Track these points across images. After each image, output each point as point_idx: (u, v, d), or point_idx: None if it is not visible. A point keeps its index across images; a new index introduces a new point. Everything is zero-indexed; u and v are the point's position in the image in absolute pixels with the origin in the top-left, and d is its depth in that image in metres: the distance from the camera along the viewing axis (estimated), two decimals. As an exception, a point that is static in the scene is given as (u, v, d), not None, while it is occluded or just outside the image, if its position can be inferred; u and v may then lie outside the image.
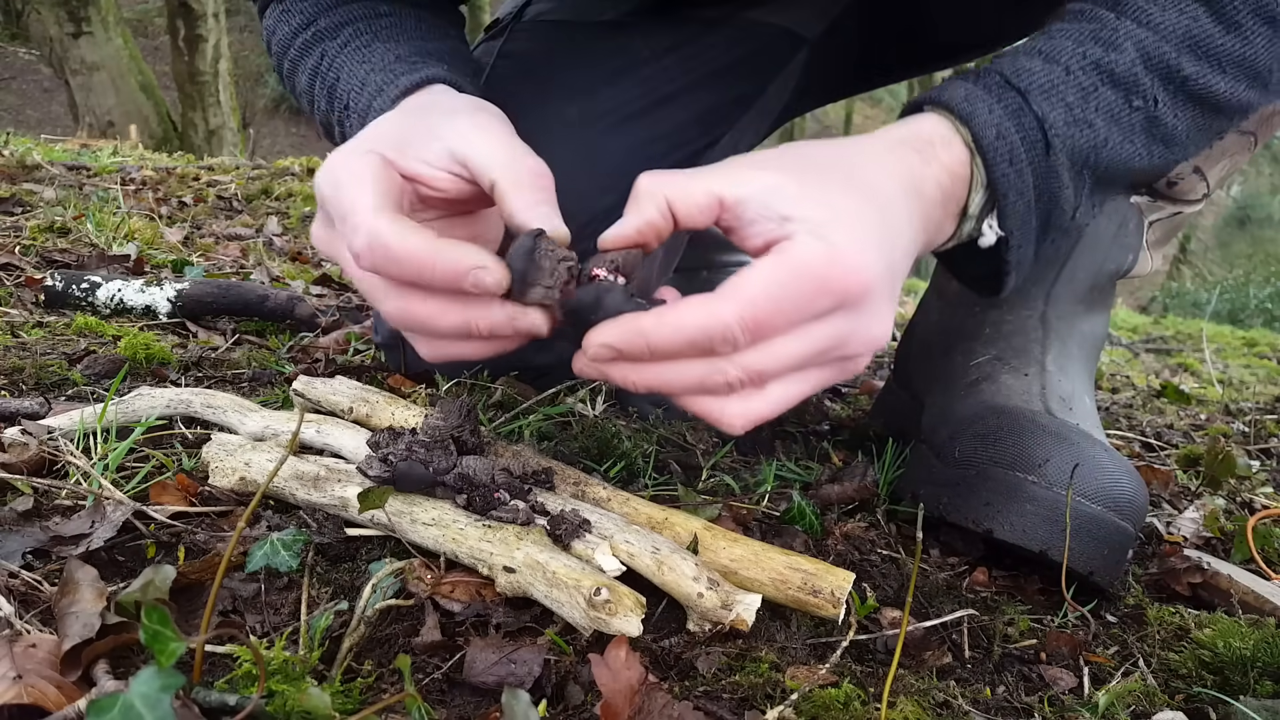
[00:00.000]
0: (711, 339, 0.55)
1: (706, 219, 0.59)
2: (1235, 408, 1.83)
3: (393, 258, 0.58)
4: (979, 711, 0.61)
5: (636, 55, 1.08)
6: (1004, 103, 0.65)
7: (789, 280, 0.55)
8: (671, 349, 0.56)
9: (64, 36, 7.80)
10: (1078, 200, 0.69)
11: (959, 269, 0.79)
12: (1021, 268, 0.71)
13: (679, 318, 0.55)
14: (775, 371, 0.57)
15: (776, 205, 0.57)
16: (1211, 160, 0.96)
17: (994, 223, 0.67)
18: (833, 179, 0.59)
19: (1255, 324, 7.26)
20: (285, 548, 0.64)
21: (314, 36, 0.88)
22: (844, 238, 0.55)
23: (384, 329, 1.13)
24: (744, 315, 0.54)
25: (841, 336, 0.58)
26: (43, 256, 1.62)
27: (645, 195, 0.59)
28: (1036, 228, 0.68)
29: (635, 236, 0.60)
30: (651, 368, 0.57)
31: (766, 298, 0.54)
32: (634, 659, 0.55)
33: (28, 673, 0.49)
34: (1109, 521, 0.76)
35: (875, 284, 0.56)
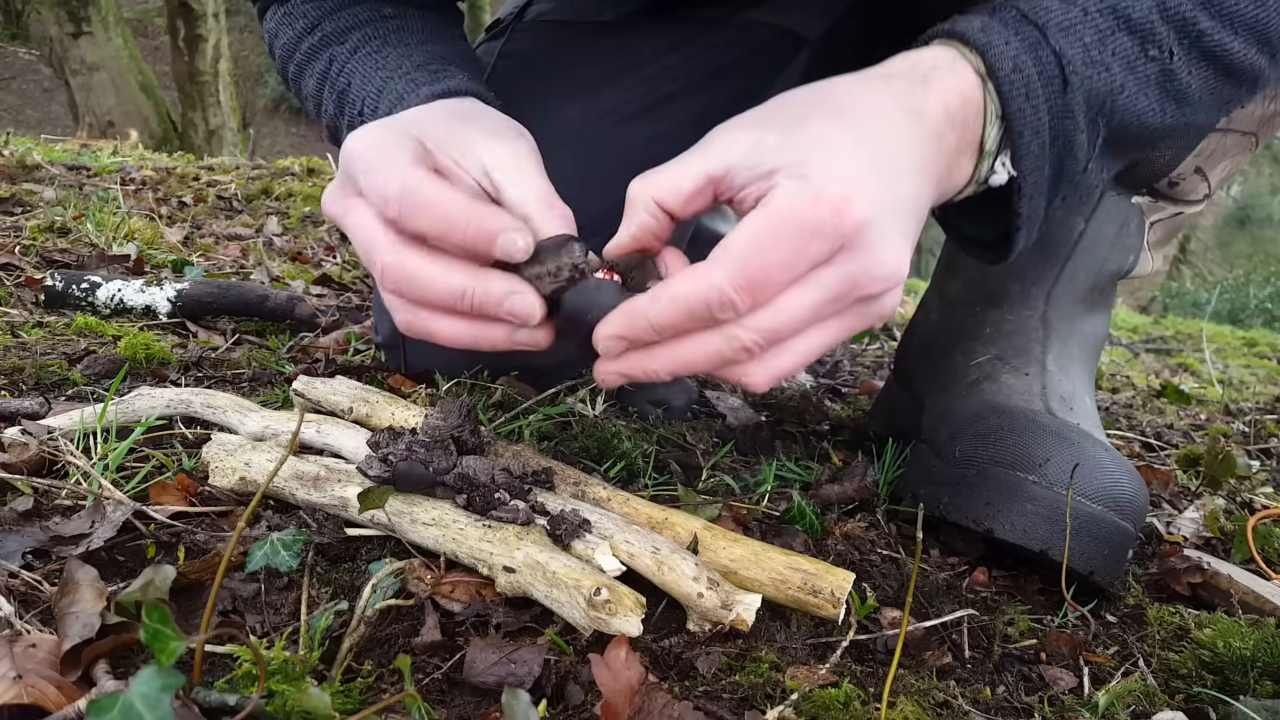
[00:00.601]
0: (709, 306, 0.53)
1: (703, 203, 0.58)
2: (1235, 408, 1.83)
3: (424, 204, 0.58)
4: (979, 711, 0.61)
5: (637, 55, 1.08)
6: (1021, 36, 0.63)
7: (774, 232, 0.53)
8: (674, 323, 0.55)
9: (64, 36, 7.79)
10: (1090, 151, 0.67)
11: (965, 235, 0.76)
12: (1031, 225, 0.68)
13: (673, 290, 0.54)
14: (791, 328, 0.56)
15: (761, 161, 0.55)
16: (1213, 161, 0.96)
17: (1007, 161, 0.65)
18: (813, 116, 0.57)
19: (1255, 324, 7.27)
20: (285, 548, 0.64)
21: (320, 41, 0.88)
22: (826, 175, 0.53)
23: (384, 329, 1.13)
24: (734, 276, 0.53)
25: (851, 279, 0.55)
26: (43, 256, 1.62)
27: (634, 201, 0.59)
28: (1049, 176, 0.66)
29: (631, 244, 0.60)
30: (666, 350, 0.57)
31: (754, 254, 0.53)
32: (634, 659, 0.55)
33: (28, 673, 0.49)
34: (1109, 521, 0.76)
35: (871, 216, 0.53)
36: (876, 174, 0.55)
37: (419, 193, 0.58)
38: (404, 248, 0.60)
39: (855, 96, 0.59)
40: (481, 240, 0.58)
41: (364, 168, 0.62)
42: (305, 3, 0.91)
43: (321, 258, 2.06)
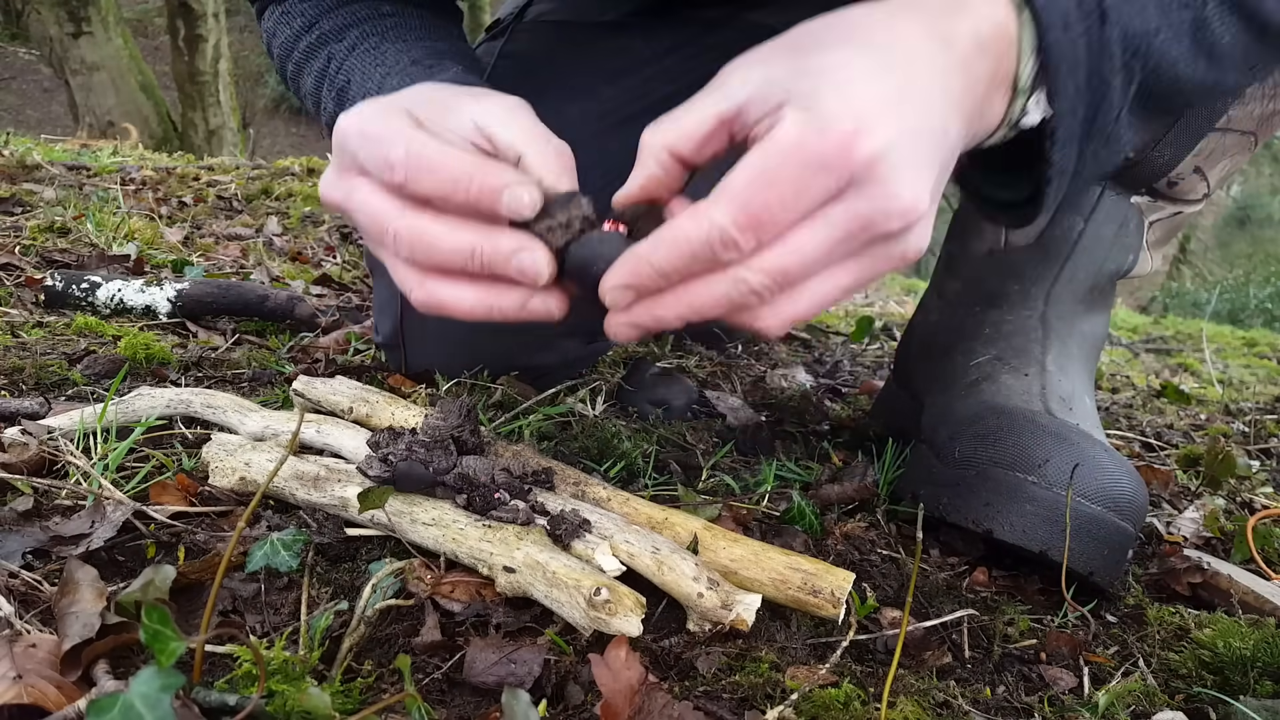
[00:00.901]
0: (711, 245, 0.51)
1: (718, 146, 0.56)
2: (1235, 408, 1.83)
3: (429, 166, 0.57)
4: (979, 711, 0.61)
5: (637, 56, 1.08)
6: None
7: (776, 166, 0.50)
8: (678, 267, 0.53)
9: (64, 36, 7.79)
10: (1124, 98, 0.64)
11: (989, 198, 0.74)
12: (1062, 177, 0.65)
13: (674, 231, 0.52)
14: (801, 269, 0.53)
15: (771, 95, 0.52)
16: (1212, 160, 0.96)
17: (1041, 99, 0.61)
18: (829, 42, 0.54)
19: (1255, 324, 7.27)
20: (285, 548, 0.64)
21: (318, 39, 0.88)
22: (836, 105, 0.50)
23: (384, 329, 1.13)
24: (736, 214, 0.50)
25: (863, 216, 0.51)
26: (43, 256, 1.62)
27: (645, 151, 0.57)
28: (1083, 119, 0.62)
29: (640, 195, 0.58)
30: (674, 296, 0.54)
31: (755, 191, 0.50)
32: (634, 659, 0.55)
33: (28, 673, 0.49)
34: (1109, 522, 0.76)
35: (883, 149, 0.50)
36: (894, 103, 0.51)
37: (423, 155, 0.57)
38: (413, 211, 0.59)
39: (878, 22, 0.56)
40: (486, 197, 0.57)
41: (363, 142, 0.61)
42: (303, 1, 0.91)
43: (321, 258, 2.06)
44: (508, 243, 0.58)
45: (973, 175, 0.73)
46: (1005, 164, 0.67)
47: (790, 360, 1.66)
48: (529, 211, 0.57)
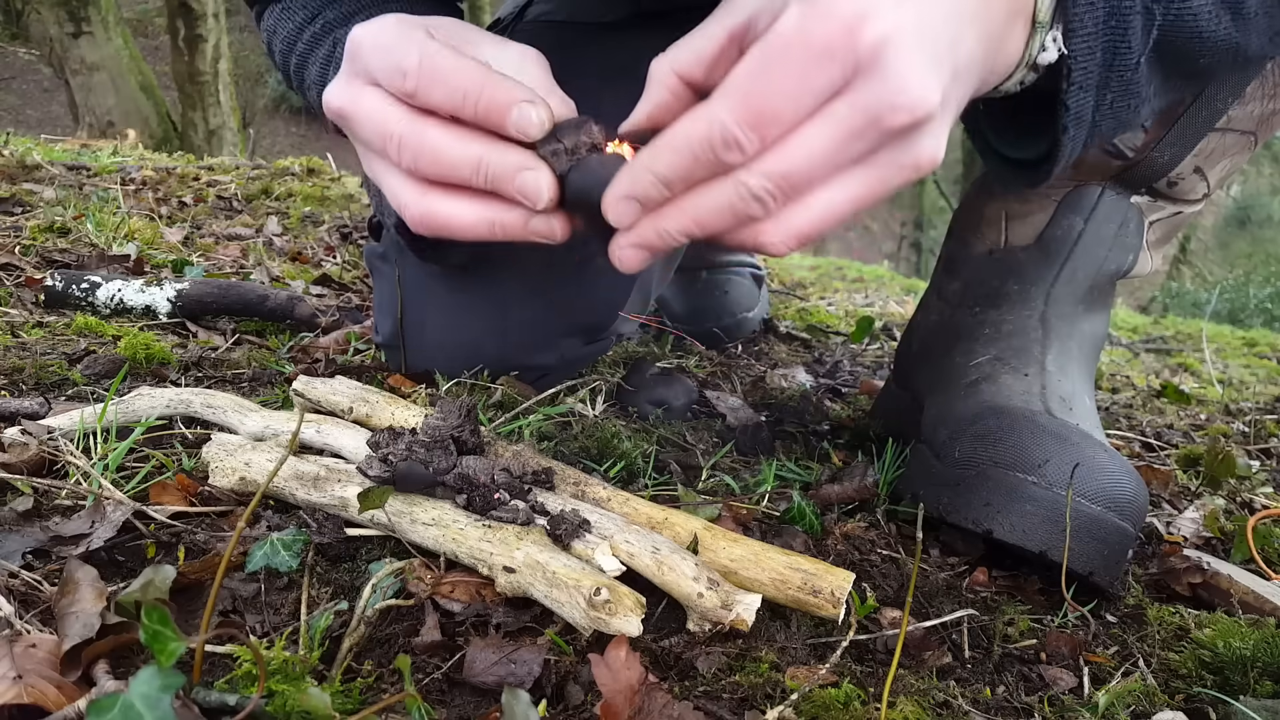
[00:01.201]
0: (713, 144, 0.49)
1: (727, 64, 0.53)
2: (1235, 408, 1.83)
3: (442, 76, 0.56)
4: (979, 711, 0.61)
5: (639, 56, 1.08)
6: None
7: (778, 55, 0.47)
8: (680, 172, 0.51)
9: (64, 36, 7.79)
10: (1143, 45, 0.61)
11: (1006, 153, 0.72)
12: (1079, 128, 0.63)
13: (673, 134, 0.50)
14: (806, 171, 0.50)
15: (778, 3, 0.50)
16: (1212, 160, 0.96)
17: (1059, 36, 0.59)
18: None
19: (1255, 324, 7.27)
20: (285, 548, 0.64)
21: (322, 28, 0.88)
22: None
23: (384, 329, 1.13)
24: (736, 107, 0.48)
25: (869, 108, 0.48)
26: (43, 256, 1.62)
27: (654, 78, 0.56)
28: (1100, 63, 0.60)
29: (647, 123, 0.56)
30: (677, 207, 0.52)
31: (757, 81, 0.48)
32: (634, 659, 0.55)
33: (28, 673, 0.49)
34: (1109, 522, 0.76)
35: (889, 35, 0.47)
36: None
37: (436, 63, 0.56)
38: (419, 118, 0.58)
39: None
40: (495, 111, 0.56)
41: (375, 49, 0.60)
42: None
43: (321, 258, 2.06)
44: (514, 158, 0.57)
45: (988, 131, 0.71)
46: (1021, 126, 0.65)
47: (790, 360, 1.66)
48: (537, 131, 0.56)
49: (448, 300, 1.06)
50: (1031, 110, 0.65)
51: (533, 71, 0.63)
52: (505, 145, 0.57)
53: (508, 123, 0.56)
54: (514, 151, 0.57)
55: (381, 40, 0.60)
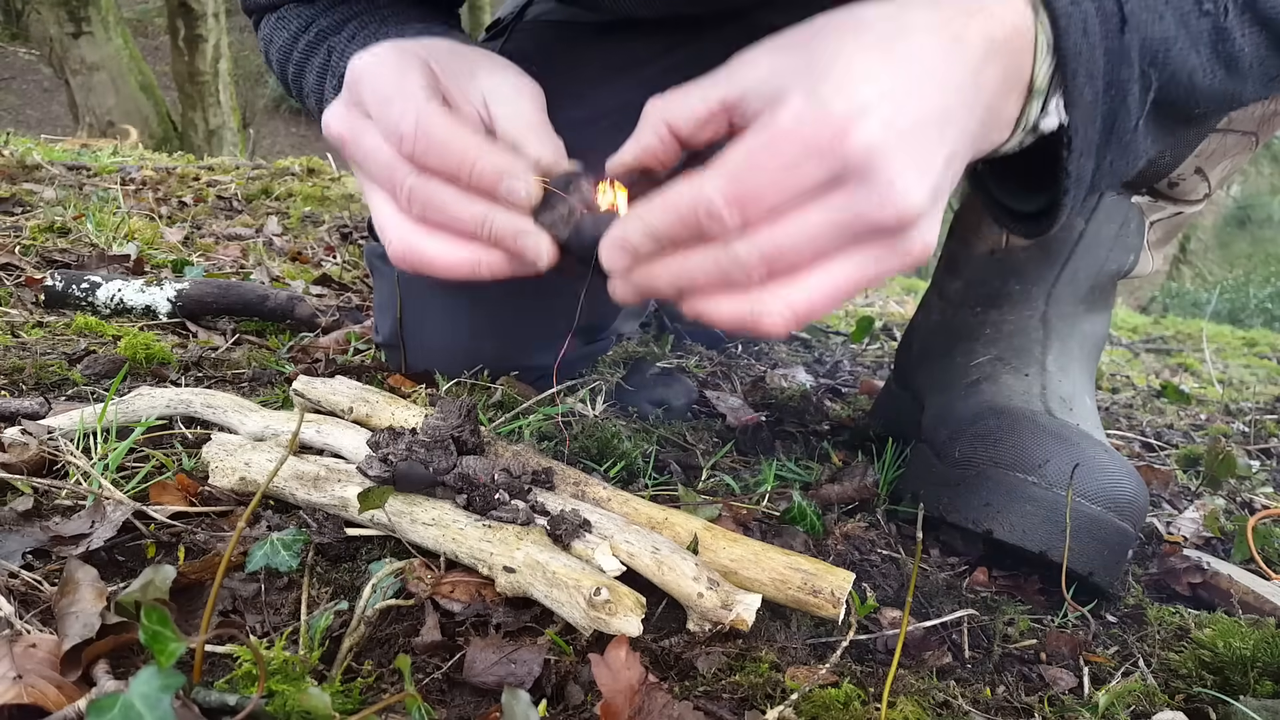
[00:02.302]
0: (697, 212, 0.51)
1: (716, 128, 0.56)
2: (1235, 408, 1.83)
3: (437, 146, 0.58)
4: (979, 711, 0.61)
5: (639, 56, 1.08)
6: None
7: (769, 144, 0.50)
8: (669, 231, 0.53)
9: (64, 36, 7.80)
10: (1142, 108, 0.63)
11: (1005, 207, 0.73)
12: (1079, 187, 0.64)
13: (666, 195, 0.53)
14: (797, 252, 0.52)
15: (775, 84, 0.52)
16: (1213, 161, 0.96)
17: (1060, 103, 0.60)
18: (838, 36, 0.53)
19: (1255, 324, 7.26)
20: (285, 548, 0.64)
21: (317, 36, 0.89)
22: (831, 90, 0.49)
23: (384, 329, 1.13)
24: (724, 186, 0.50)
25: (857, 207, 0.51)
26: (43, 256, 1.62)
27: (645, 120, 0.58)
28: (1100, 130, 0.62)
29: (634, 163, 0.58)
30: (669, 262, 0.54)
31: (745, 168, 0.50)
32: (634, 659, 0.55)
33: (28, 673, 0.49)
34: (1109, 522, 0.76)
35: (880, 142, 0.49)
36: (897, 97, 0.50)
37: (431, 133, 0.58)
38: (423, 174, 0.60)
39: (887, 18, 0.55)
40: (485, 182, 0.58)
41: (374, 95, 0.61)
42: (298, 5, 0.91)
43: (321, 258, 2.06)
44: (518, 221, 0.59)
45: (989, 184, 0.72)
46: (1022, 178, 0.67)
47: (790, 360, 1.66)
48: (524, 204, 0.59)
49: (447, 300, 1.06)
50: (1032, 166, 0.65)
51: (525, 105, 0.64)
52: (507, 207, 0.60)
53: (498, 194, 0.59)
54: (516, 215, 0.59)
55: (379, 87, 0.61)
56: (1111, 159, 0.65)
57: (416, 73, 0.62)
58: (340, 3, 0.89)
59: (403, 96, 0.60)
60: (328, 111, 0.66)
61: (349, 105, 0.64)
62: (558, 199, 0.60)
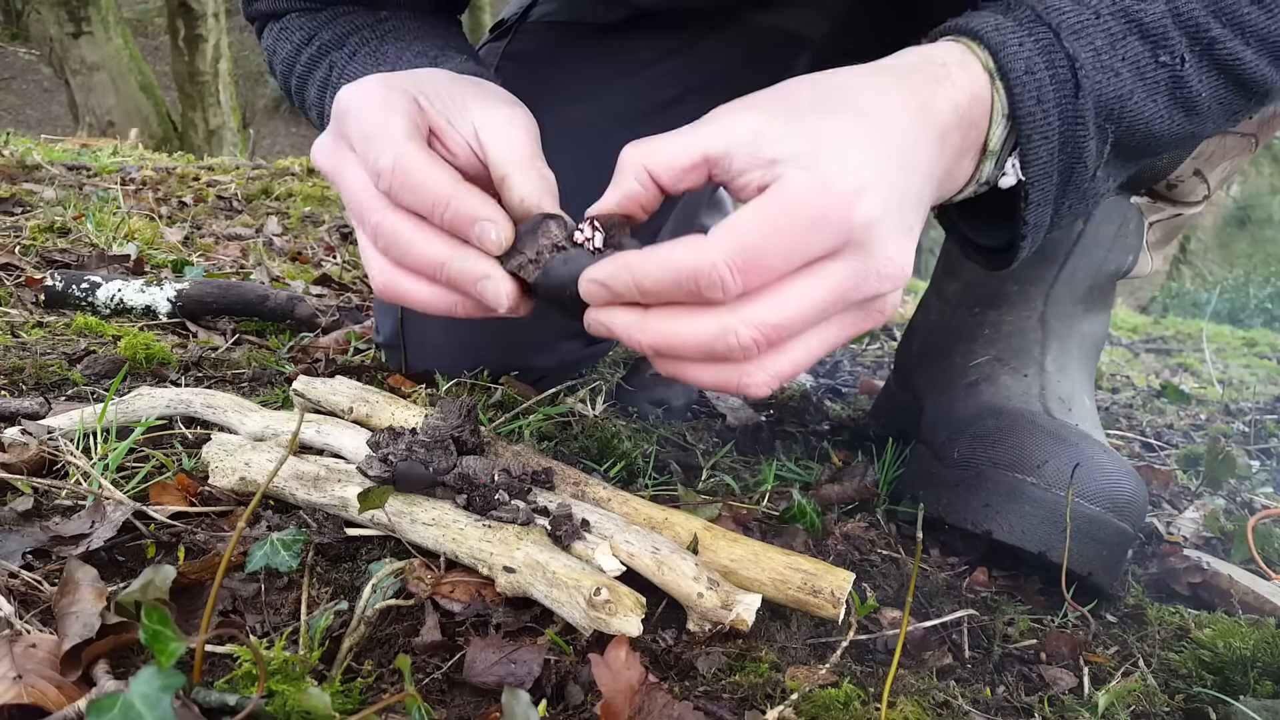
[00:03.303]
0: (698, 279, 0.51)
1: (695, 179, 0.57)
2: (1235, 408, 1.83)
3: (412, 185, 0.59)
4: (979, 711, 0.61)
5: (640, 58, 1.08)
6: (1035, 37, 0.61)
7: (777, 217, 0.51)
8: (659, 288, 0.53)
9: (64, 36, 7.80)
10: (1099, 159, 0.65)
11: (969, 239, 0.75)
12: (1037, 232, 0.67)
13: (664, 253, 0.52)
14: (790, 325, 0.53)
15: (763, 150, 0.53)
16: (1212, 163, 0.96)
17: (1016, 164, 0.63)
18: (822, 107, 0.55)
19: (1255, 324, 7.26)
20: (285, 548, 0.64)
21: (319, 50, 0.89)
22: (834, 166, 0.51)
23: (385, 329, 1.13)
24: (730, 254, 0.50)
25: (859, 276, 0.53)
26: (43, 256, 1.62)
27: (625, 166, 0.58)
28: (1057, 184, 0.64)
29: (615, 209, 0.59)
30: (655, 321, 0.54)
31: (754, 236, 0.51)
32: (634, 659, 0.55)
33: (28, 673, 0.49)
34: (1108, 523, 0.76)
35: (877, 213, 0.52)
36: (886, 170, 0.53)
37: (409, 172, 0.59)
38: (393, 211, 0.61)
39: (865, 88, 0.57)
40: (459, 225, 0.59)
41: (358, 131, 0.62)
42: (300, 16, 0.91)
43: (321, 258, 2.06)
44: (476, 267, 0.60)
45: (954, 217, 0.74)
46: (985, 214, 0.69)
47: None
48: (495, 249, 0.59)
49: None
50: (994, 205, 0.67)
51: (517, 137, 0.64)
52: (469, 251, 0.60)
53: (470, 238, 0.59)
54: (477, 259, 0.60)
55: (364, 122, 0.62)
56: (1070, 204, 0.67)
57: (401, 110, 0.62)
58: (342, 15, 0.89)
59: (384, 134, 0.60)
60: (316, 143, 0.67)
61: (335, 138, 0.65)
62: (528, 241, 0.59)
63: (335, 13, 0.90)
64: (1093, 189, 0.67)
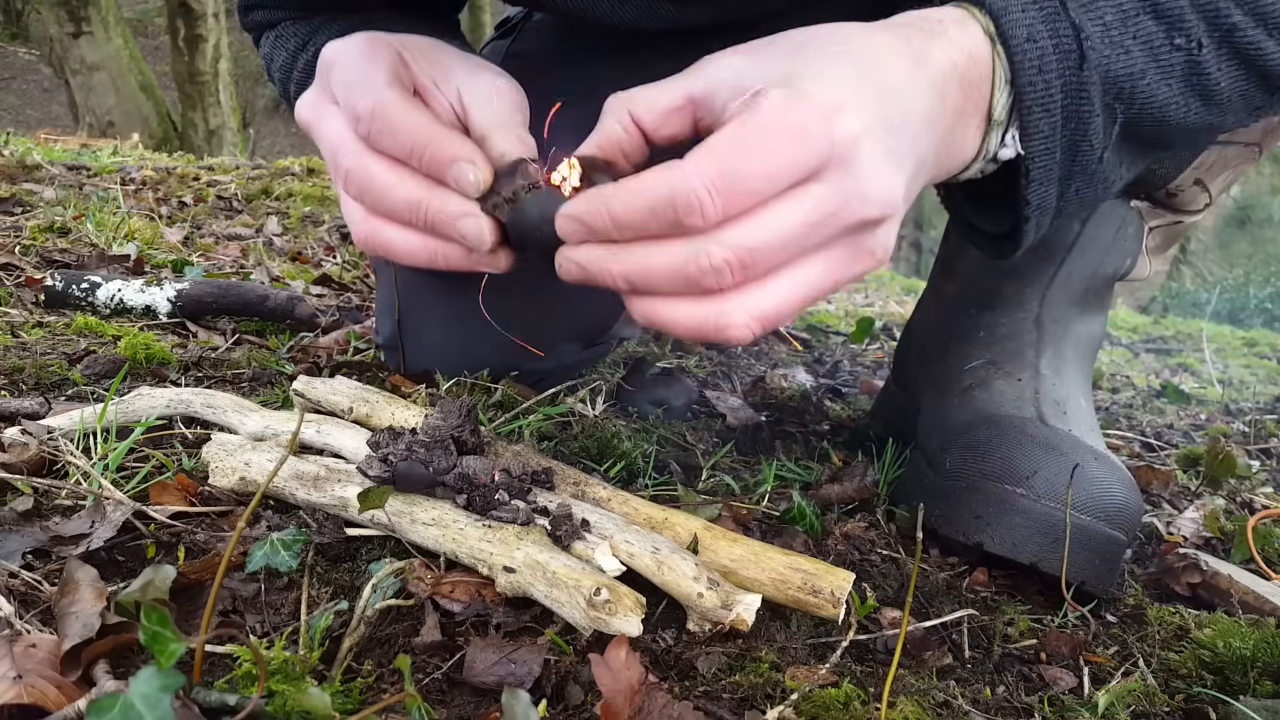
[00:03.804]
0: (675, 202, 0.48)
1: (681, 123, 0.55)
2: (1235, 408, 1.83)
3: (391, 127, 0.58)
4: (979, 711, 0.61)
5: (644, 58, 1.08)
6: (1039, 5, 0.59)
7: (756, 132, 0.48)
8: (635, 217, 0.50)
9: (64, 36, 7.80)
10: (1106, 139, 0.63)
11: (974, 224, 0.74)
12: (1042, 214, 0.65)
13: (639, 180, 0.50)
14: (770, 251, 0.50)
15: (745, 83, 0.51)
16: (1213, 172, 0.95)
17: (1016, 135, 0.61)
18: (809, 46, 0.54)
19: (1255, 324, 7.26)
20: (285, 548, 0.64)
21: (314, 56, 0.89)
22: (815, 84, 0.50)
23: (385, 329, 1.13)
24: (707, 172, 0.48)
25: (840, 197, 0.50)
26: (43, 256, 1.62)
27: (608, 111, 0.56)
28: (1060, 160, 0.62)
29: (596, 153, 0.57)
30: (627, 253, 0.52)
31: (732, 153, 0.48)
32: (634, 659, 0.55)
33: (28, 673, 0.49)
34: (1099, 532, 0.75)
35: (862, 131, 0.49)
36: (872, 97, 0.51)
37: (387, 115, 0.58)
38: (368, 155, 0.60)
39: (856, 33, 0.56)
40: (436, 167, 0.58)
41: (340, 79, 0.62)
42: (295, 23, 0.91)
43: (321, 258, 2.06)
44: (455, 205, 0.58)
45: (958, 201, 0.73)
46: (991, 197, 0.67)
47: (790, 360, 1.66)
48: (473, 190, 0.58)
49: (446, 305, 1.06)
50: (999, 189, 0.66)
51: (501, 105, 0.64)
52: (447, 192, 0.59)
53: (447, 179, 0.58)
54: (455, 199, 0.59)
55: (346, 71, 0.62)
56: (1077, 187, 0.65)
57: (384, 60, 0.61)
58: (336, 20, 0.90)
59: (365, 81, 0.60)
60: (300, 99, 0.66)
61: (318, 91, 0.65)
62: (504, 182, 0.58)
63: (329, 17, 0.90)
64: (1101, 172, 0.65)
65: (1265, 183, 13.55)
